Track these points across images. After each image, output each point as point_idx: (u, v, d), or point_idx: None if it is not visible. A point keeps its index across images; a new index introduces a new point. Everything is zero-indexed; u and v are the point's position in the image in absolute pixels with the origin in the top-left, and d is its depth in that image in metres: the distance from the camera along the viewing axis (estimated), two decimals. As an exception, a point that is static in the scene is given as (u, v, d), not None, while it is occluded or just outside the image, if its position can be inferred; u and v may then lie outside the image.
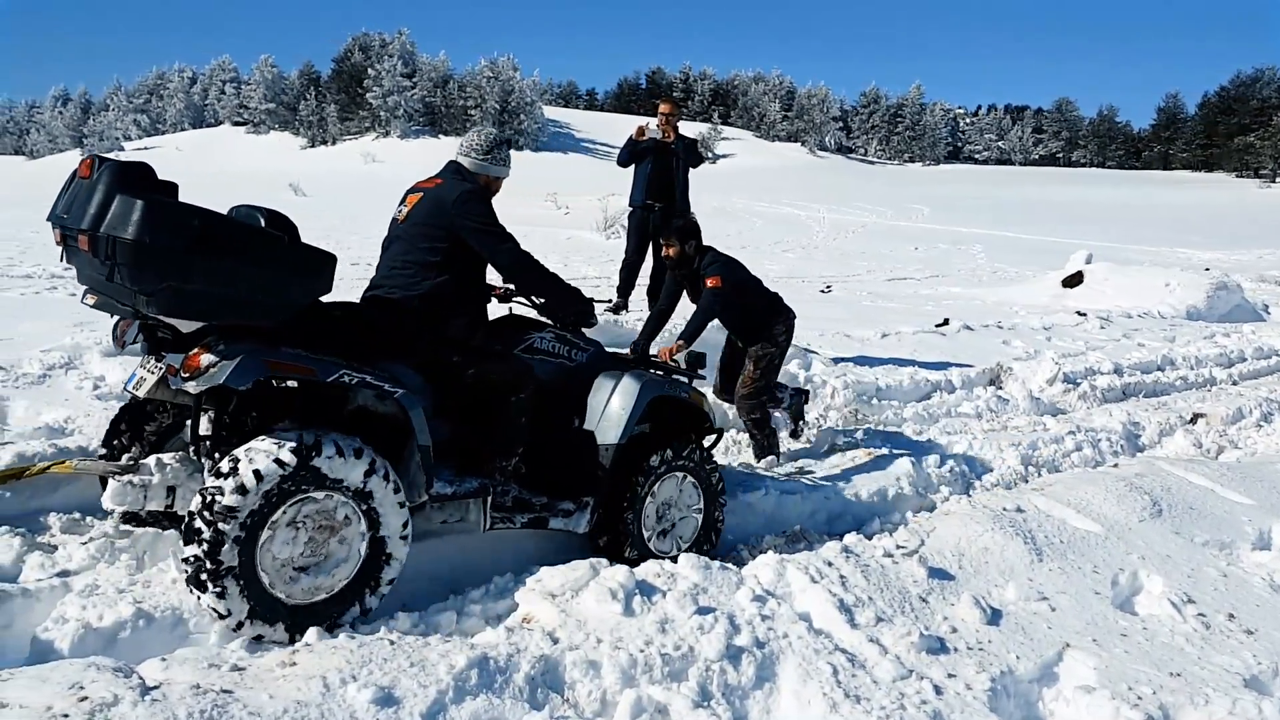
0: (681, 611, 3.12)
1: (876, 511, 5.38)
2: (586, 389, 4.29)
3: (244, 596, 3.00)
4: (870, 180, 67.63)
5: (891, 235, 32.07)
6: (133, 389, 3.56)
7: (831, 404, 7.42)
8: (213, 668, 2.48)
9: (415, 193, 4.06)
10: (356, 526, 3.31)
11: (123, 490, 3.36)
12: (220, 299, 3.01)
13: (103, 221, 2.89)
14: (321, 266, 3.24)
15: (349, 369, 3.32)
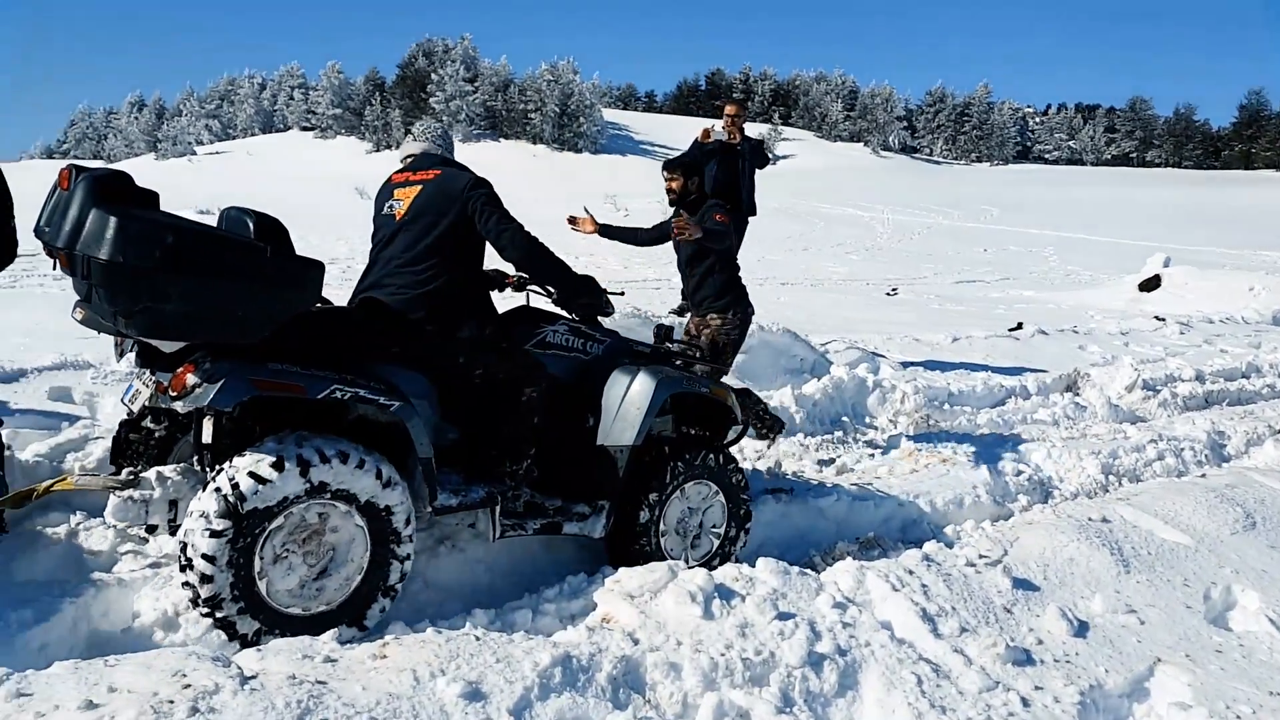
0: (761, 616, 3.10)
1: (953, 519, 5.29)
2: (602, 384, 4.06)
3: (233, 588, 2.99)
4: (936, 180, 66.63)
5: (959, 237, 31.57)
6: (128, 402, 3.56)
7: (902, 409, 7.32)
8: (306, 659, 2.53)
9: (407, 187, 3.85)
10: (360, 545, 3.27)
11: (124, 506, 3.28)
12: (199, 317, 2.91)
13: (78, 239, 2.81)
14: (306, 277, 3.12)
15: (341, 383, 3.20)
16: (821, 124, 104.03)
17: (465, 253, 3.80)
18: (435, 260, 3.70)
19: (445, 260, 3.72)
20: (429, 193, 3.76)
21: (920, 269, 21.73)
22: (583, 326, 4.21)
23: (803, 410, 6.90)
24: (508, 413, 3.79)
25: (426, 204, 3.74)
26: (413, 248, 3.72)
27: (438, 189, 3.76)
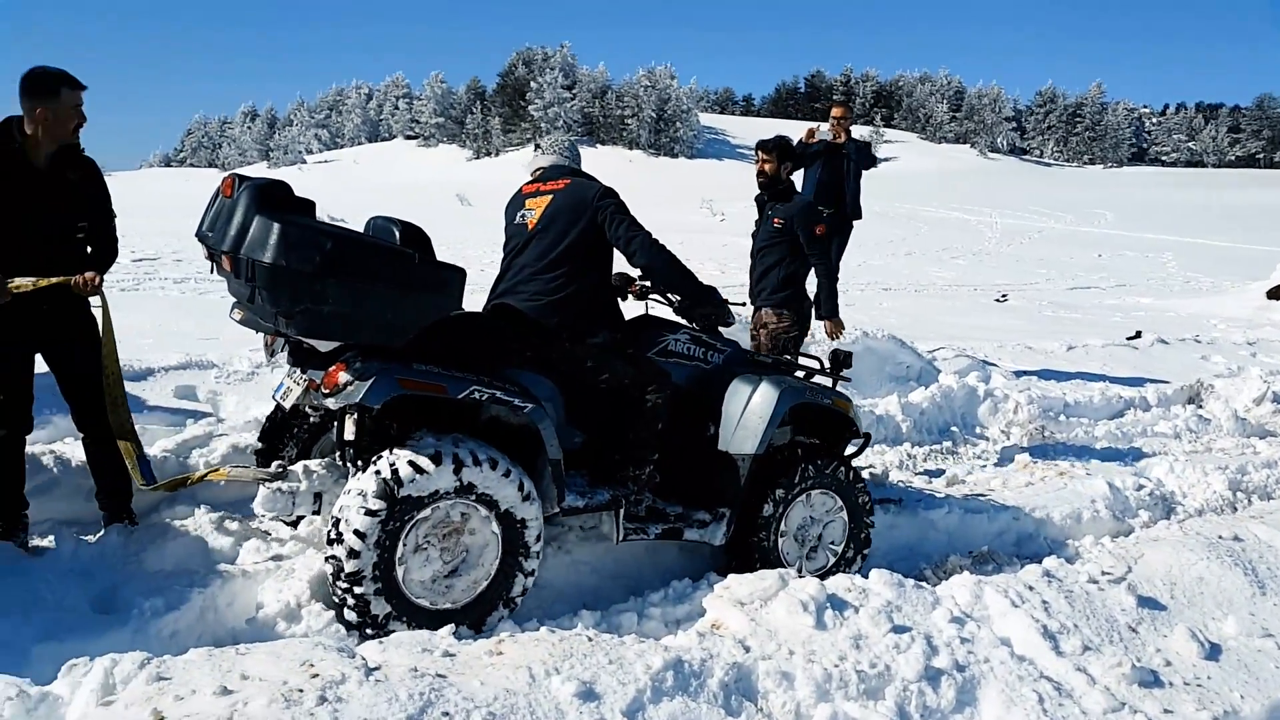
0: (876, 629, 3.04)
1: (1071, 535, 5.10)
2: (723, 393, 4.09)
3: (374, 568, 3.12)
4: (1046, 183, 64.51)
5: (1071, 241, 30.47)
6: (280, 398, 3.72)
7: (1015, 420, 7.10)
8: (425, 652, 2.59)
9: (538, 197, 3.95)
10: (492, 551, 3.37)
11: (272, 497, 3.46)
12: (353, 319, 3.08)
13: (243, 243, 2.99)
14: (450, 282, 3.26)
15: (479, 384, 3.34)
16: (925, 125, 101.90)
17: (595, 260, 3.89)
18: (566, 268, 3.80)
19: (576, 268, 3.82)
20: (560, 202, 3.87)
21: (1031, 274, 21.05)
22: (703, 335, 4.25)
23: (909, 419, 6.76)
24: (633, 418, 3.85)
25: (558, 213, 3.85)
26: (545, 256, 3.82)
27: (568, 198, 3.86)
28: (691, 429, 4.10)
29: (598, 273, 3.93)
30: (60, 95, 3.72)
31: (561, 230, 3.81)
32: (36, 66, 3.78)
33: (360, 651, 2.56)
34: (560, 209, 3.85)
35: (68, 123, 3.77)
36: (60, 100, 3.72)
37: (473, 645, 2.72)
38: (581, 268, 3.83)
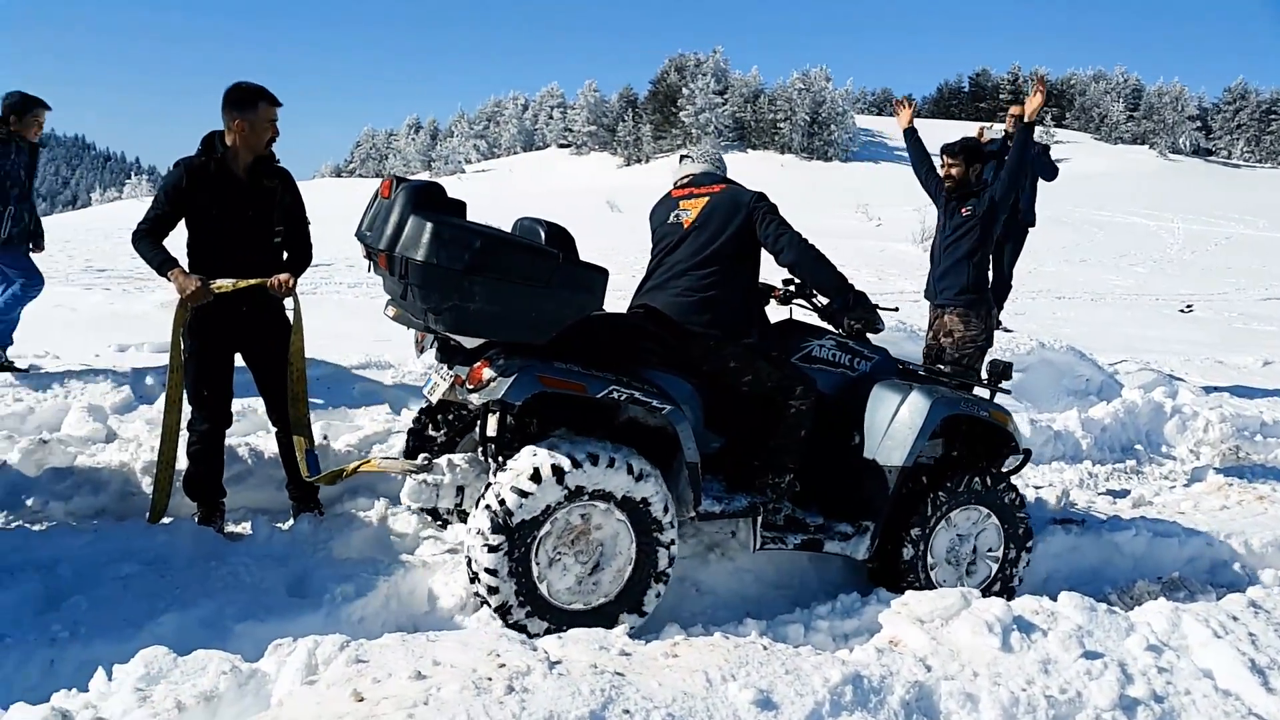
0: (1066, 653, 2.88)
1: (1272, 564, 4.72)
2: (869, 402, 3.97)
3: (512, 576, 3.19)
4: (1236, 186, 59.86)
5: (1265, 248, 28.14)
6: (427, 394, 3.86)
7: (1205, 438, 6.63)
8: (603, 650, 2.62)
9: (693, 199, 3.96)
10: (625, 538, 3.39)
11: (418, 489, 3.59)
12: (499, 317, 3.16)
13: (398, 242, 3.12)
14: (593, 282, 3.31)
15: (618, 384, 3.36)
16: (1100, 125, 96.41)
17: (745, 262, 3.88)
18: (718, 266, 3.81)
19: (727, 267, 3.82)
20: (717, 202, 3.88)
21: (1219, 283, 19.59)
22: (850, 342, 4.15)
23: (1090, 435, 6.41)
24: (774, 424, 3.79)
25: (714, 212, 3.86)
26: (699, 253, 3.83)
27: (725, 199, 3.88)
28: (835, 438, 4.01)
29: (747, 275, 3.93)
30: (258, 109, 3.99)
31: (717, 229, 3.82)
32: (239, 81, 4.07)
33: (542, 645, 2.62)
34: (716, 209, 3.86)
35: (263, 135, 4.04)
36: (257, 114, 3.99)
37: (648, 646, 2.74)
38: (732, 268, 3.83)
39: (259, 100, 3.99)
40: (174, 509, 4.21)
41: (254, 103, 3.98)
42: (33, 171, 6.21)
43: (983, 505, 4.03)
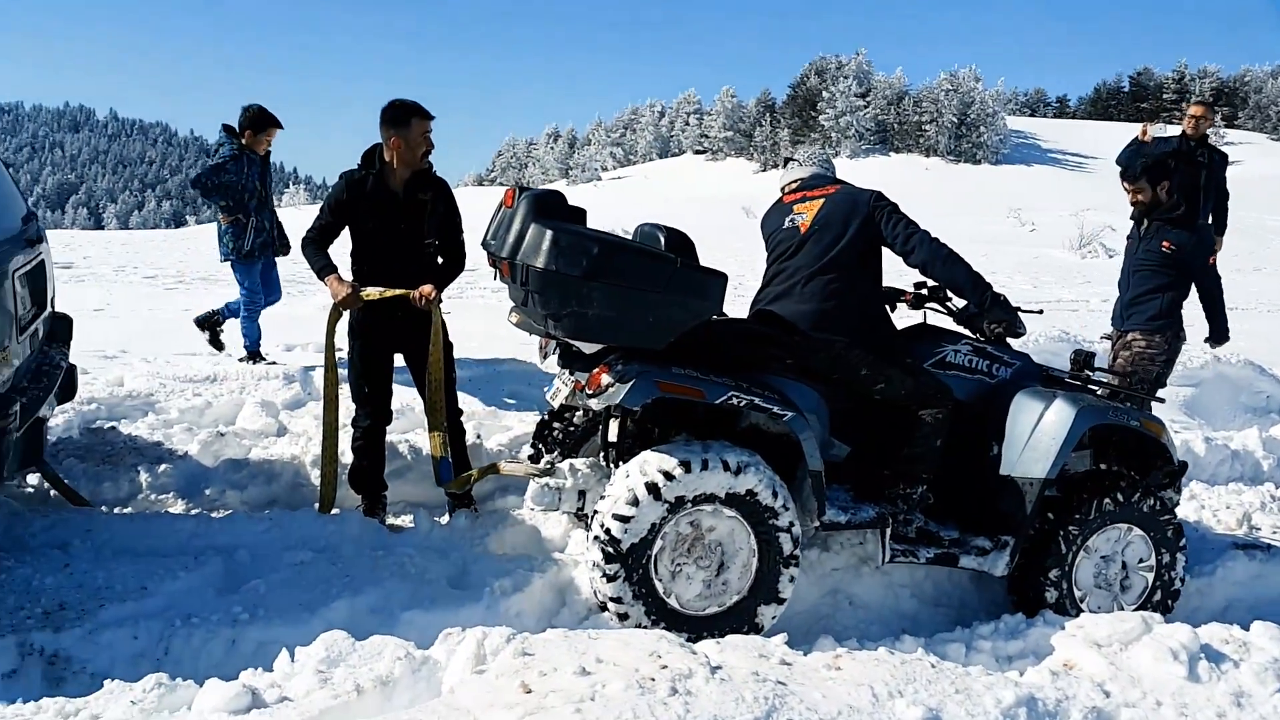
0: (1261, 687, 2.68)
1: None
2: (1008, 410, 3.76)
3: (638, 599, 3.20)
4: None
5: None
6: (550, 398, 3.88)
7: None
8: (763, 658, 2.59)
9: (807, 202, 3.85)
10: (741, 533, 3.33)
11: (540, 492, 3.61)
12: (617, 322, 3.17)
13: (519, 249, 3.16)
14: (711, 288, 3.27)
15: (738, 390, 3.30)
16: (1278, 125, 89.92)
17: (868, 265, 3.78)
18: (842, 271, 3.70)
19: (851, 271, 3.71)
20: (833, 205, 3.78)
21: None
22: (988, 347, 3.96)
23: (1272, 456, 5.98)
24: (907, 433, 3.66)
25: (833, 215, 3.75)
26: (821, 258, 3.72)
27: (842, 200, 3.78)
28: (972, 448, 3.82)
29: (871, 278, 3.81)
30: (411, 125, 4.15)
31: (837, 232, 3.71)
32: (394, 99, 4.24)
33: (701, 648, 2.61)
34: (834, 211, 3.75)
35: (417, 150, 4.19)
36: (410, 130, 4.15)
37: (808, 657, 2.70)
38: (857, 271, 3.73)
39: (412, 117, 4.15)
40: (340, 500, 4.42)
41: (407, 120, 4.14)
42: (266, 180, 6.69)
43: (1121, 523, 3.78)
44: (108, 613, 3.20)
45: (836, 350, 3.65)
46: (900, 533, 3.68)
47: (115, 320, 8.46)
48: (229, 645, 3.09)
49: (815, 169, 4.01)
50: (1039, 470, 3.61)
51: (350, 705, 2.27)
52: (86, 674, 2.95)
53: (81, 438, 5.05)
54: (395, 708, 2.32)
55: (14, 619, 3.13)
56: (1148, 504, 3.78)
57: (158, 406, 5.54)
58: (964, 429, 3.79)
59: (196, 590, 3.42)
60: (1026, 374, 3.98)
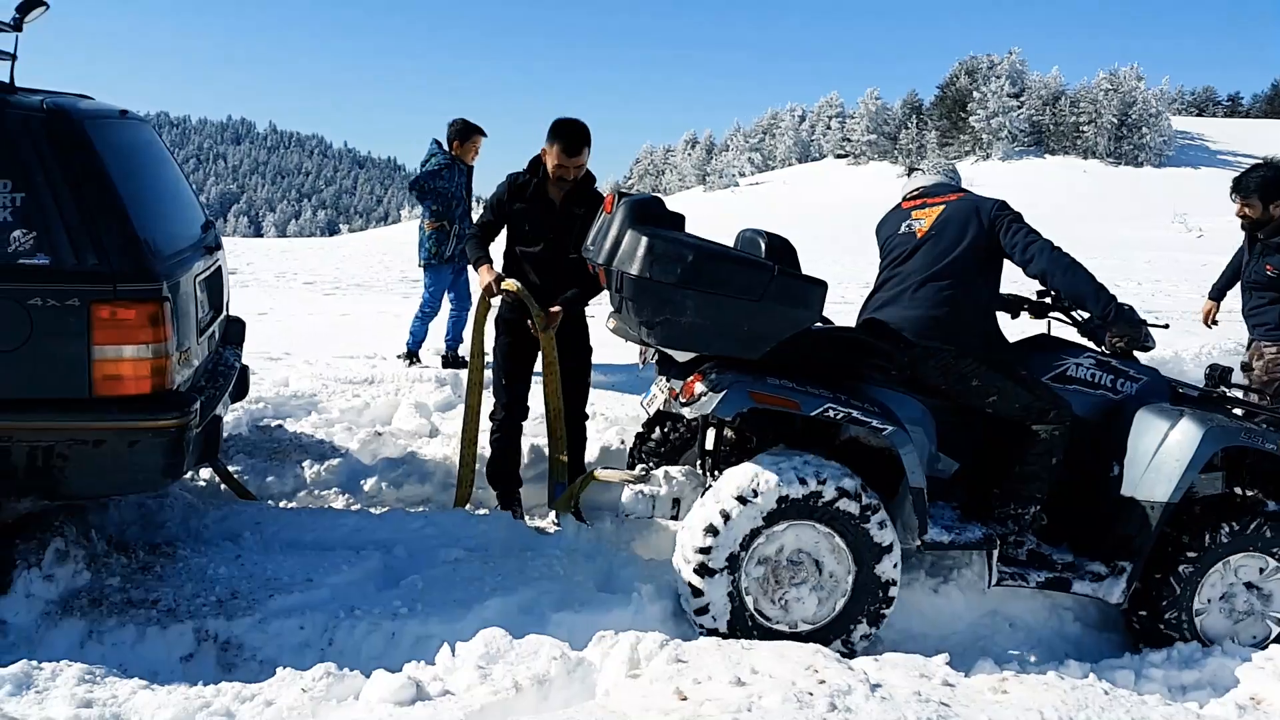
0: None
1: None
2: (1135, 428, 3.52)
3: (727, 610, 3.14)
4: None
5: None
6: (645, 405, 3.85)
7: None
8: (924, 678, 2.50)
9: (927, 208, 3.73)
10: (842, 561, 3.23)
11: (635, 499, 3.57)
12: (710, 330, 3.12)
13: (615, 256, 3.12)
14: (810, 296, 3.19)
15: (835, 403, 3.19)
16: None
17: (985, 274, 3.63)
18: (955, 279, 3.56)
19: (965, 279, 3.57)
20: (954, 210, 3.65)
21: None
22: (1113, 360, 3.73)
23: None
24: (1021, 450, 3.49)
25: (950, 220, 3.63)
26: (936, 263, 3.60)
27: (963, 207, 3.65)
28: (1091, 467, 3.60)
29: (989, 287, 3.65)
30: (554, 143, 4.21)
31: (955, 237, 3.58)
32: (564, 117, 4.31)
33: (859, 665, 2.54)
34: (953, 216, 3.63)
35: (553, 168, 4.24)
36: (553, 146, 4.21)
37: (973, 679, 2.59)
38: (973, 279, 3.58)
39: (555, 139, 4.21)
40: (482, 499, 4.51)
41: (551, 139, 4.22)
42: (469, 191, 7.12)
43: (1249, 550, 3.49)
44: (276, 602, 3.35)
45: (945, 360, 3.51)
46: (1010, 555, 3.53)
47: (278, 323, 8.95)
48: (389, 638, 3.18)
49: (940, 177, 3.90)
50: (1160, 493, 3.39)
51: (509, 702, 2.30)
52: (256, 661, 3.11)
53: (250, 435, 5.35)
54: (552, 707, 2.33)
55: (191, 605, 3.32)
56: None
57: (320, 406, 5.81)
58: (1083, 447, 3.60)
59: (358, 584, 3.55)
60: (1154, 390, 3.73)
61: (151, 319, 2.95)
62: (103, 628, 3.13)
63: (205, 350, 3.68)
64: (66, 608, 3.21)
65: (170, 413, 3.06)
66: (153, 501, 4.08)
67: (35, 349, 2.90)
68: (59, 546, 3.36)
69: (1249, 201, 4.82)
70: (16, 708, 2.29)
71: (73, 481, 3.07)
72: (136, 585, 3.41)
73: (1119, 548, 3.50)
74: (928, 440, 3.51)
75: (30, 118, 2.94)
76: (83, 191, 2.94)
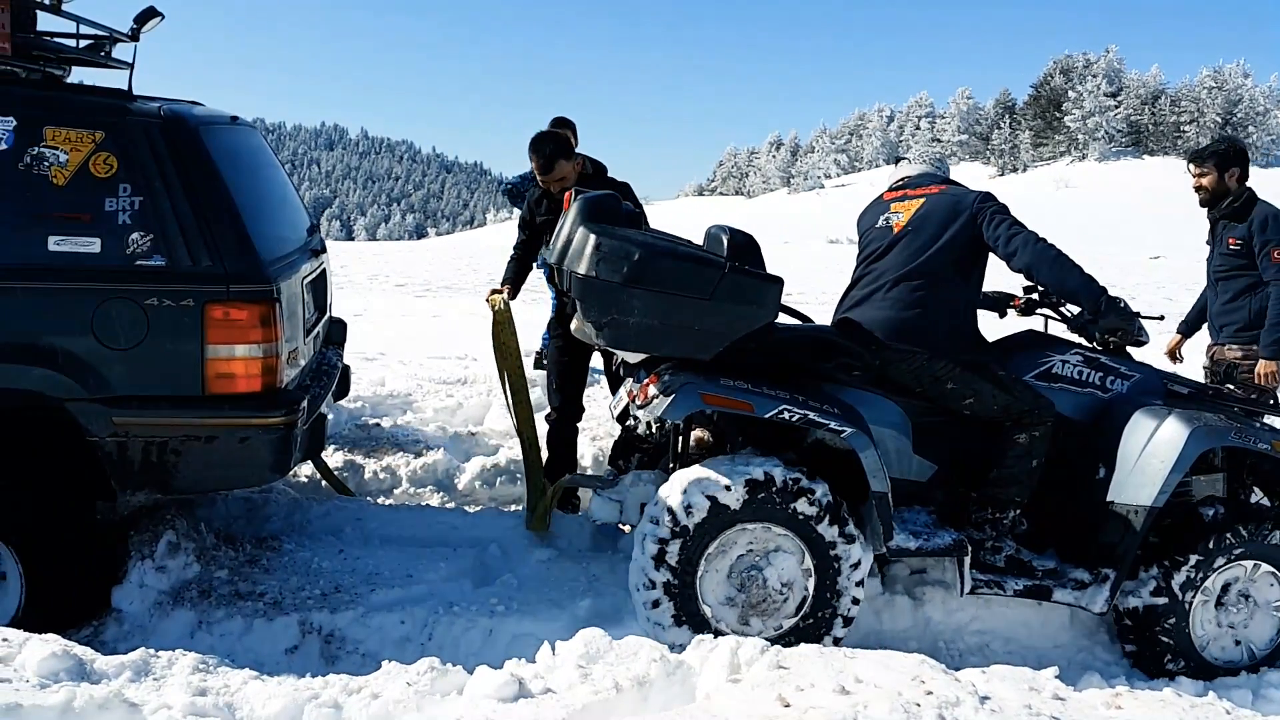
0: None
1: None
2: (1123, 429, 3.34)
3: (679, 621, 3.05)
4: None
5: None
6: (612, 408, 3.76)
7: None
8: (1033, 691, 2.42)
9: (907, 201, 3.54)
10: (797, 563, 3.13)
11: (602, 504, 3.46)
12: (658, 331, 3.04)
13: (566, 255, 3.06)
14: (765, 294, 3.10)
15: (791, 404, 3.06)
16: None
17: (965, 272, 3.44)
18: (929, 278, 3.38)
19: (941, 278, 3.39)
20: (934, 204, 3.46)
21: None
22: (1102, 357, 3.54)
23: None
24: (1000, 453, 3.33)
25: (930, 215, 3.44)
26: (911, 261, 3.41)
27: (944, 201, 3.45)
28: (1075, 469, 3.43)
29: (968, 286, 3.47)
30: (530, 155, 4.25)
31: (933, 233, 3.40)
32: (538, 131, 4.40)
33: (967, 676, 2.47)
34: (933, 211, 3.44)
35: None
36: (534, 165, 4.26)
37: (1083, 694, 2.50)
38: (949, 278, 3.40)
39: (531, 158, 4.24)
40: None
41: (530, 158, 4.25)
42: None
43: (1248, 559, 3.32)
44: (377, 597, 3.43)
45: (918, 362, 3.35)
46: (987, 561, 3.37)
47: (373, 325, 9.16)
48: (486, 635, 3.23)
49: (925, 167, 3.71)
50: (1145, 497, 3.23)
51: (610, 702, 2.30)
52: (359, 654, 3.18)
53: (349, 433, 5.48)
54: (652, 708, 2.33)
55: (296, 598, 3.41)
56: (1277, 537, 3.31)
57: (415, 406, 5.93)
58: (1069, 448, 3.43)
59: (454, 580, 3.60)
60: (1146, 388, 3.52)
61: (262, 319, 3.04)
62: (212, 618, 3.23)
63: (311, 350, 3.78)
64: (177, 598, 3.32)
65: (279, 410, 3.14)
66: (258, 496, 4.21)
67: (151, 348, 3.01)
68: (171, 539, 3.48)
69: (1204, 169, 4.58)
70: (136, 693, 2.38)
71: (185, 476, 3.17)
72: (244, 578, 3.53)
73: (1103, 554, 3.34)
74: (901, 442, 3.41)
75: (149, 125, 3.05)
76: (198, 195, 3.04)
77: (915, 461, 3.45)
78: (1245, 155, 4.65)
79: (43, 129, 2.98)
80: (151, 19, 3.62)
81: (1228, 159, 4.55)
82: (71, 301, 2.97)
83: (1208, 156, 4.61)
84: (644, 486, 3.46)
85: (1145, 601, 3.31)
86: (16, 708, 2.15)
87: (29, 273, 2.95)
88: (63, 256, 2.96)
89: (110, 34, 3.54)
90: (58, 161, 2.97)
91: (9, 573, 3.06)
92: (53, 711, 2.18)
